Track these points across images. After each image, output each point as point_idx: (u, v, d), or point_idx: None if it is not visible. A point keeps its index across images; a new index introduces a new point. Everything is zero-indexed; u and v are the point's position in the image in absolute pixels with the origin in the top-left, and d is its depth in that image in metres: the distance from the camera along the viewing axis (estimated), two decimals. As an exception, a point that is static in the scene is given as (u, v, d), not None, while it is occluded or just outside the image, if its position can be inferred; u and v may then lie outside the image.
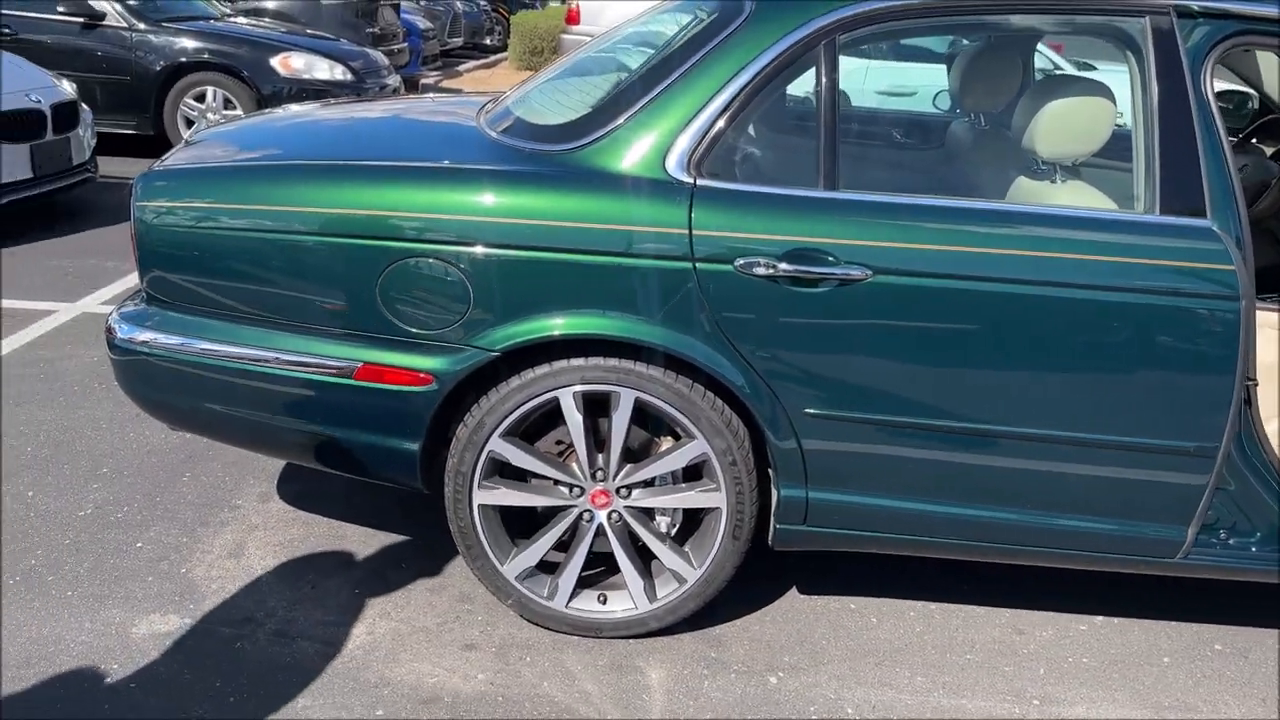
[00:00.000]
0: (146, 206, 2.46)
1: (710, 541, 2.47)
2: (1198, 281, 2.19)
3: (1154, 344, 2.21)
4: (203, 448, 3.37)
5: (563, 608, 2.52)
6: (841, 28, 2.27)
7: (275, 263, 2.35)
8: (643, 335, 2.27)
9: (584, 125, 2.38)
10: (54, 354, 4.08)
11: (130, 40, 7.51)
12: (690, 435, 2.37)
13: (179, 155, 2.67)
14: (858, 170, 2.75)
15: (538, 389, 2.35)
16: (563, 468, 2.46)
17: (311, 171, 2.39)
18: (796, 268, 2.21)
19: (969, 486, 2.37)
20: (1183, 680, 2.53)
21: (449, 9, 15.29)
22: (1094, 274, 2.19)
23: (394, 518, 3.04)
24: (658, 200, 2.26)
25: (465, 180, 2.31)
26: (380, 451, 2.44)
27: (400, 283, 2.29)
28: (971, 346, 2.24)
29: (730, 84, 2.28)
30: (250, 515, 3.02)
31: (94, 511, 2.98)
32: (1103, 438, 2.30)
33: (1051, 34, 3.78)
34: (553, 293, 2.26)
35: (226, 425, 2.56)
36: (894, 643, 2.61)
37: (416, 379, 2.34)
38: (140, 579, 2.69)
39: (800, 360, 2.28)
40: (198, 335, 2.46)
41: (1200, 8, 2.28)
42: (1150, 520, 2.37)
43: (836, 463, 2.37)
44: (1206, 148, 2.24)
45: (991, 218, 2.24)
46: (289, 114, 3.14)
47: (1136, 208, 2.28)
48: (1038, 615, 2.75)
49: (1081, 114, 2.38)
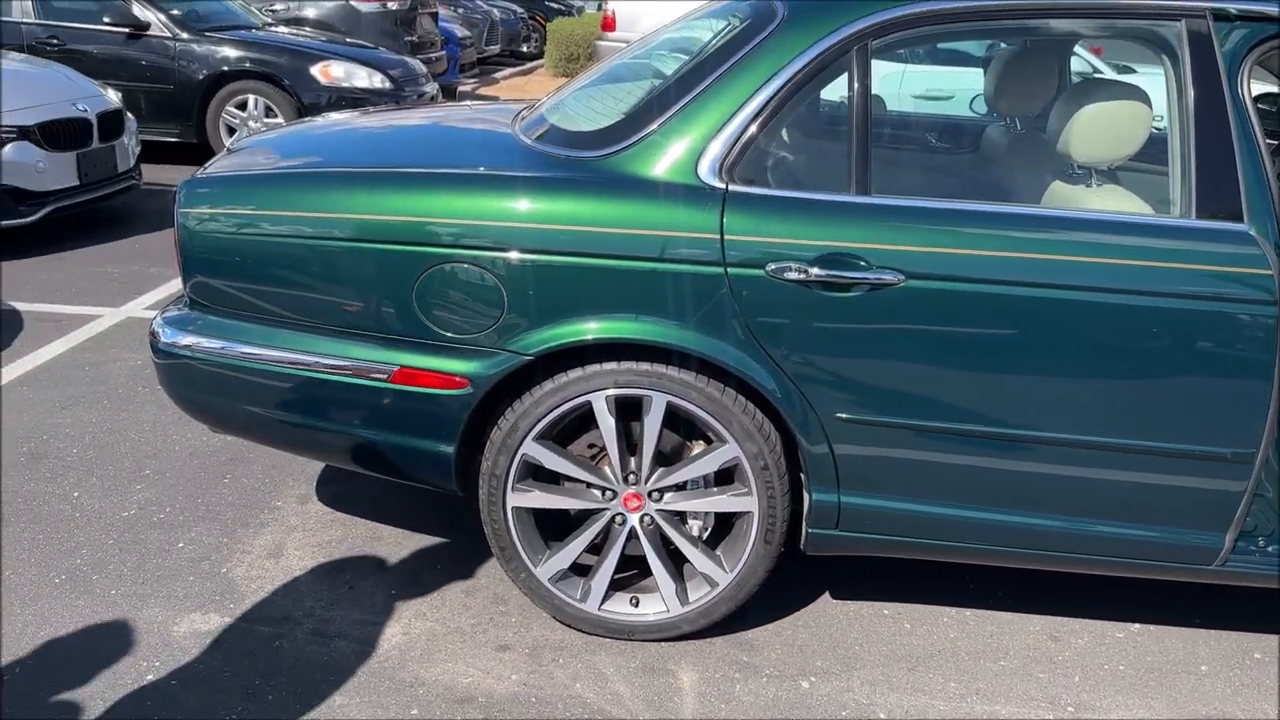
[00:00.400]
0: (190, 213, 2.51)
1: (742, 545, 2.47)
2: (1234, 286, 2.17)
3: (1190, 349, 2.19)
4: (243, 450, 3.43)
5: (595, 610, 2.54)
6: (874, 33, 2.28)
7: (314, 268, 2.39)
8: (675, 339, 2.29)
9: (617, 131, 2.40)
10: (99, 357, 4.17)
11: (174, 49, 7.65)
12: (722, 439, 2.38)
13: (221, 163, 2.72)
14: (891, 175, 2.75)
15: (571, 393, 2.37)
16: (595, 471, 2.48)
17: (349, 179, 2.43)
18: (828, 272, 2.22)
19: (1003, 492, 2.36)
20: (1220, 689, 2.50)
21: (486, 17, 15.42)
22: (1129, 279, 2.18)
23: (429, 520, 3.08)
24: (690, 206, 2.27)
25: (500, 186, 2.34)
26: (416, 454, 2.47)
27: (436, 288, 2.32)
28: (1004, 351, 2.23)
29: (762, 90, 2.29)
30: (289, 516, 3.06)
31: (137, 512, 3.05)
32: (1139, 443, 2.28)
33: (1086, 39, 3.75)
34: (586, 297, 2.29)
35: (266, 427, 2.61)
36: (927, 648, 2.60)
37: (451, 382, 2.37)
38: (182, 578, 2.74)
39: (832, 365, 2.28)
40: (239, 339, 2.51)
41: (1237, 11, 2.26)
42: (1187, 527, 2.35)
43: (869, 467, 2.37)
44: (1243, 151, 2.22)
45: (1025, 222, 2.23)
46: (328, 122, 3.19)
47: (1172, 212, 2.26)
48: (1073, 622, 2.72)
49: (1117, 118, 2.36)
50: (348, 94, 7.82)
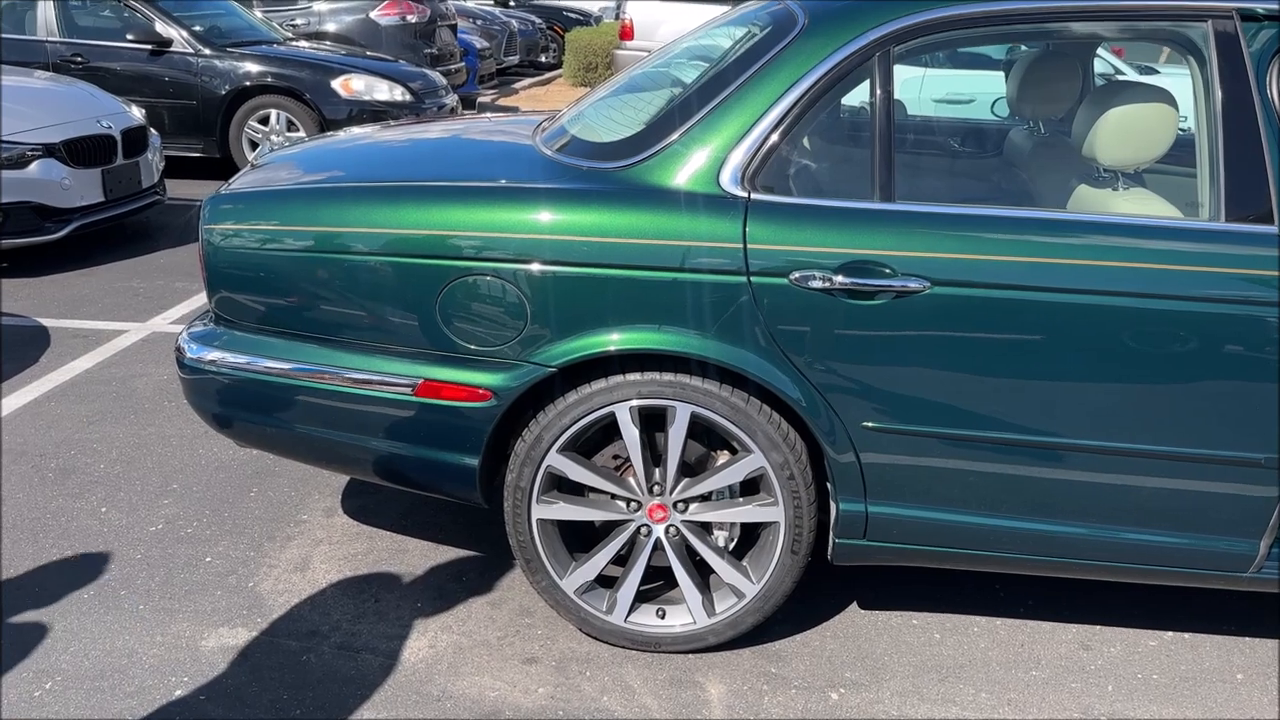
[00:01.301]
0: (214, 229, 2.53)
1: (768, 556, 2.46)
2: (1265, 289, 2.14)
3: (1221, 354, 2.16)
4: (270, 464, 3.45)
5: (621, 622, 2.53)
6: (896, 39, 2.26)
7: (338, 282, 2.40)
8: (698, 349, 2.28)
9: (638, 142, 2.40)
10: (126, 372, 4.20)
11: (196, 65, 7.72)
12: (747, 449, 2.37)
13: (245, 179, 2.74)
14: (914, 181, 2.73)
15: (594, 404, 2.36)
16: (620, 482, 2.48)
17: (372, 193, 2.44)
18: (853, 280, 2.20)
19: (1032, 500, 2.34)
20: (1257, 698, 2.46)
21: (505, 28, 15.48)
22: (1158, 283, 2.15)
23: (454, 533, 3.07)
24: (712, 215, 2.26)
25: (521, 198, 2.34)
26: (440, 467, 2.47)
27: (459, 300, 2.33)
28: (1033, 358, 2.21)
29: (784, 98, 2.28)
30: (315, 530, 3.07)
31: (164, 527, 3.06)
32: (1170, 449, 2.25)
33: (1110, 41, 3.72)
34: (609, 308, 2.28)
35: (291, 441, 2.61)
36: (958, 659, 2.57)
37: (475, 395, 2.37)
38: (209, 593, 2.75)
39: (857, 373, 2.26)
40: (264, 354, 2.52)
41: (1265, 10, 2.23)
42: (1220, 534, 2.31)
43: (896, 476, 2.35)
44: (1273, 153, 2.19)
45: (1052, 227, 2.21)
46: (349, 136, 3.20)
47: (1201, 215, 2.23)
48: (1106, 631, 2.69)
49: (1143, 120, 2.34)
50: (369, 107, 7.86)
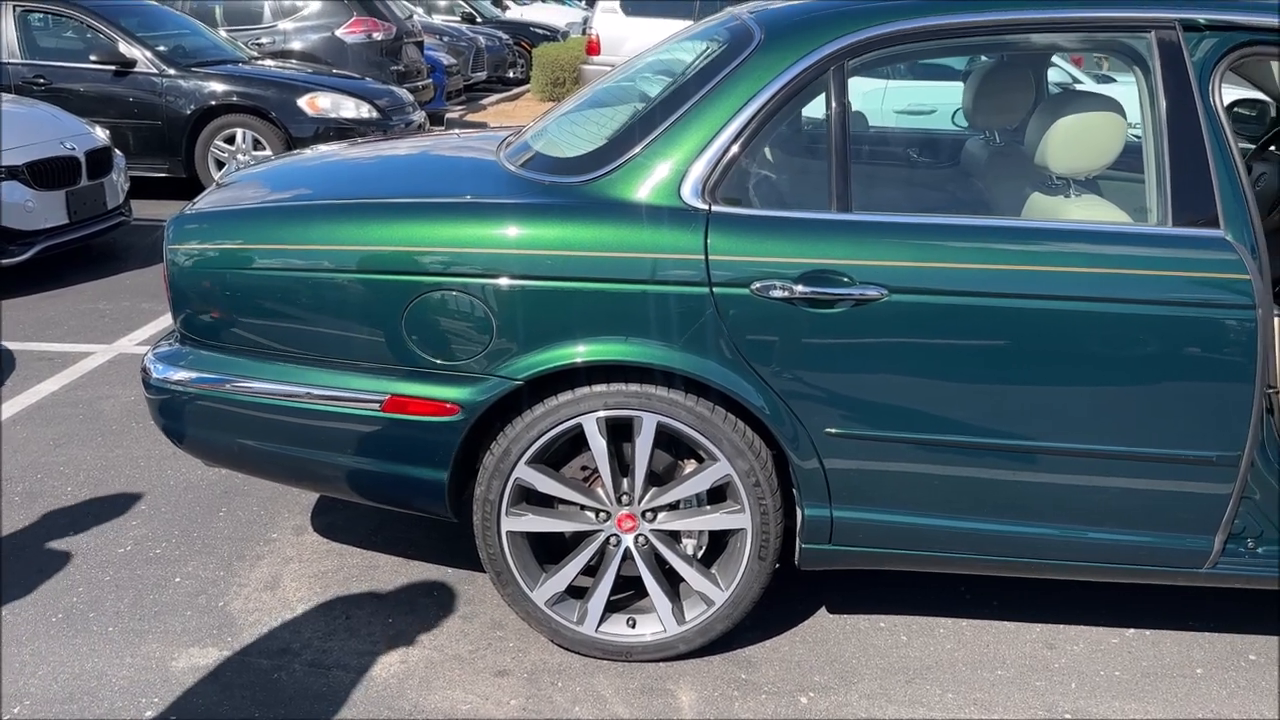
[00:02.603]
0: (179, 249, 2.53)
1: (737, 563, 2.49)
2: (1213, 291, 2.20)
3: (1171, 355, 2.22)
4: (239, 483, 3.44)
5: (592, 632, 2.55)
6: (850, 53, 2.31)
7: (304, 300, 2.41)
8: (663, 360, 2.31)
9: (600, 156, 2.43)
10: (92, 394, 4.17)
11: (160, 85, 7.69)
12: (713, 457, 2.40)
13: (210, 198, 2.74)
14: (872, 191, 2.78)
15: (561, 416, 2.39)
16: (588, 493, 2.50)
17: (335, 210, 2.45)
18: (812, 289, 2.24)
19: (992, 502, 2.38)
20: (1216, 691, 2.51)
21: (472, 44, 15.49)
22: (1109, 287, 2.20)
23: (425, 547, 3.08)
24: (674, 227, 2.30)
25: (485, 214, 2.36)
26: (409, 482, 2.49)
27: (424, 316, 2.34)
28: (989, 363, 2.25)
29: (742, 112, 2.32)
30: (285, 548, 3.07)
31: (133, 548, 3.05)
32: (1124, 449, 2.30)
33: (1059, 53, 3.80)
34: (574, 321, 2.31)
35: (259, 460, 2.62)
36: (924, 660, 2.61)
37: (442, 409, 2.38)
38: (179, 613, 2.74)
39: (819, 380, 2.30)
40: (230, 373, 2.53)
41: (1206, 20, 2.30)
42: (1176, 531, 2.37)
43: (859, 481, 2.39)
44: (1217, 159, 2.25)
45: (1005, 234, 2.26)
46: (315, 154, 3.21)
47: (1150, 220, 2.29)
48: (1069, 629, 2.74)
49: (1093, 129, 2.39)
50: (335, 125, 7.85)
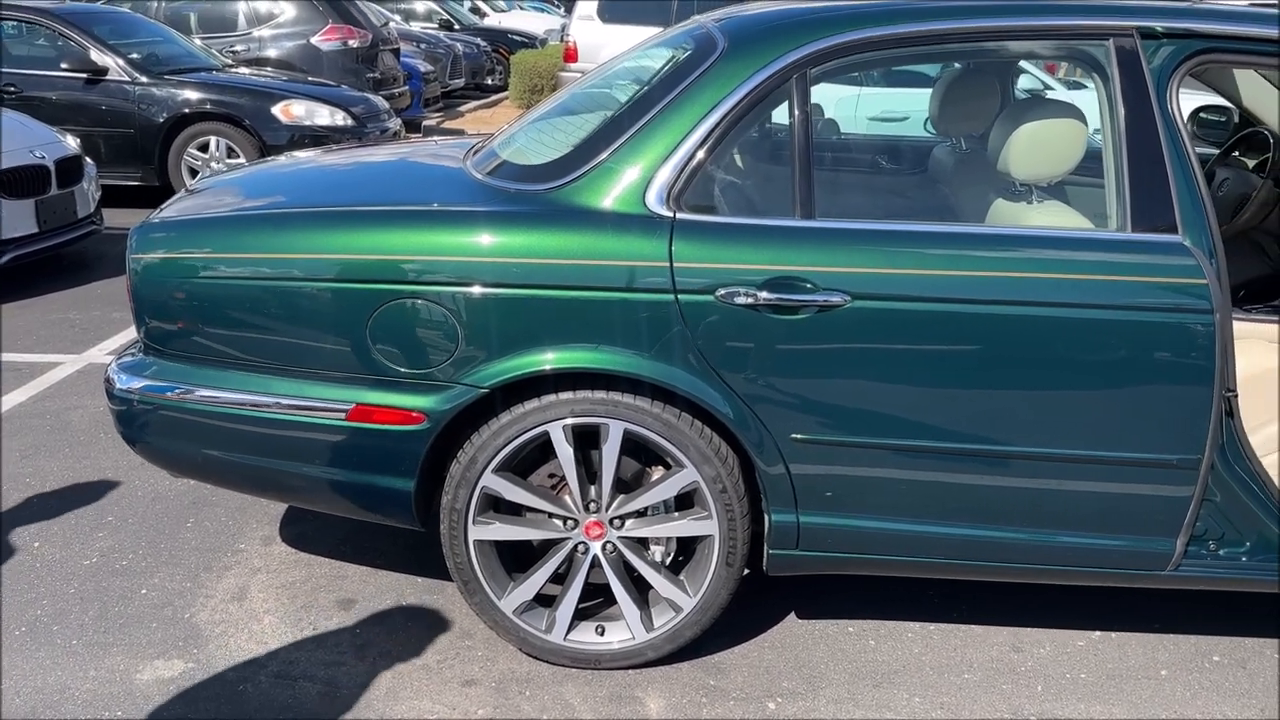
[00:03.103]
0: (143, 258, 2.51)
1: (705, 569, 2.49)
2: (1171, 296, 2.22)
3: (1131, 359, 2.24)
4: (207, 493, 3.41)
5: (561, 640, 2.55)
6: (811, 62, 2.32)
7: (269, 309, 2.40)
8: (628, 367, 2.31)
9: (565, 164, 2.43)
10: (61, 405, 4.14)
11: (133, 93, 7.64)
12: (680, 464, 2.40)
13: (175, 206, 2.73)
14: (836, 198, 2.79)
15: (528, 423, 2.38)
16: (556, 501, 2.50)
17: (299, 219, 2.44)
18: (776, 296, 2.25)
19: (957, 506, 2.39)
20: (1180, 692, 2.53)
21: (449, 51, 15.45)
22: (1069, 292, 2.22)
23: (394, 557, 3.07)
24: (639, 235, 2.30)
25: (449, 222, 2.36)
26: (375, 491, 2.48)
27: (388, 324, 2.34)
28: (951, 368, 2.27)
29: (705, 120, 2.33)
30: (253, 559, 3.05)
31: (99, 560, 3.02)
32: (1087, 453, 2.32)
33: (1020, 60, 3.83)
34: (540, 329, 2.31)
35: (225, 470, 2.60)
36: (892, 664, 2.62)
37: (408, 418, 2.38)
38: (144, 625, 2.72)
39: (784, 386, 2.31)
40: (195, 383, 2.51)
41: (1163, 28, 2.32)
42: (1139, 533, 2.38)
43: (825, 486, 2.40)
44: (1175, 165, 2.27)
45: (966, 241, 2.28)
46: (284, 161, 3.20)
47: (1110, 226, 2.32)
48: (1036, 632, 2.75)
49: (1053, 136, 2.42)
50: (310, 132, 7.82)
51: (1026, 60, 5.45)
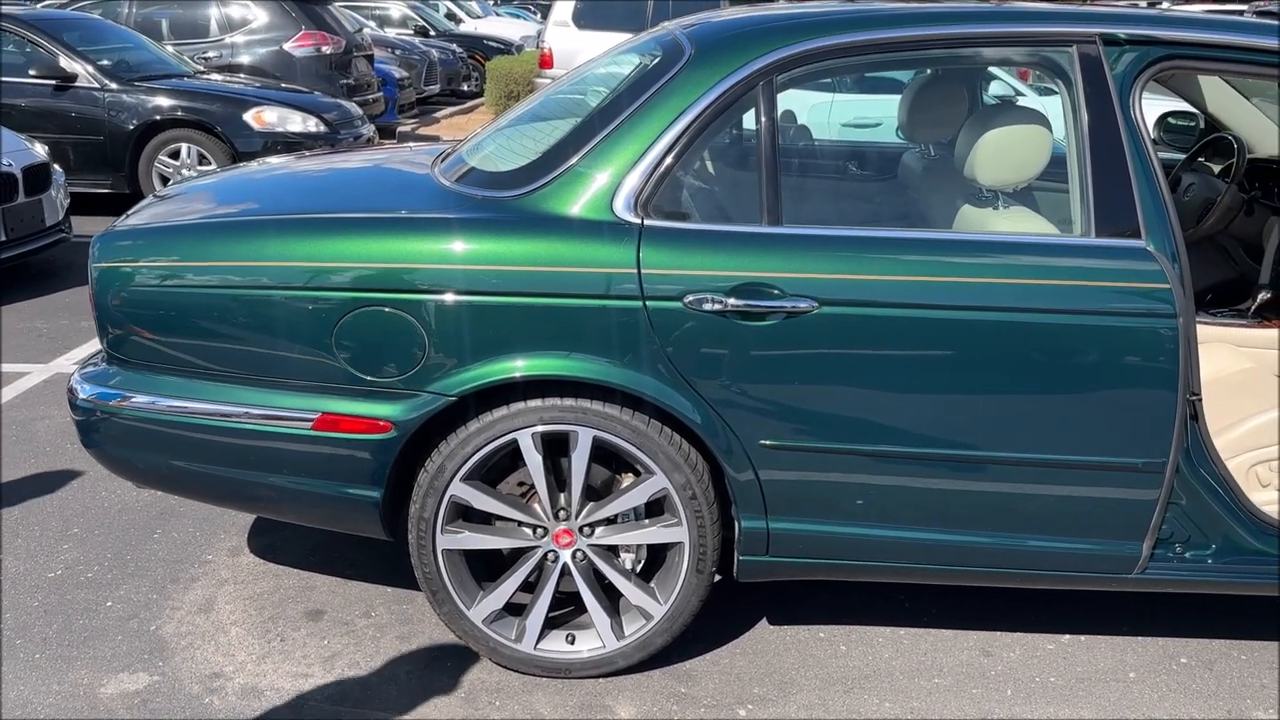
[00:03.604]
0: (106, 267, 2.48)
1: (675, 576, 2.48)
2: (1135, 301, 2.23)
3: (1096, 363, 2.25)
4: (174, 505, 3.38)
5: (531, 649, 2.53)
6: (778, 68, 2.33)
7: (232, 317, 2.37)
8: (597, 374, 2.30)
9: (533, 171, 2.42)
10: (27, 415, 4.08)
11: (103, 100, 7.57)
12: (650, 471, 2.40)
13: (141, 214, 2.70)
14: (804, 204, 2.80)
15: (496, 431, 2.37)
16: (525, 509, 2.48)
17: (264, 226, 2.42)
18: (744, 302, 2.25)
19: (926, 510, 2.40)
20: (1148, 695, 2.54)
21: (425, 57, 15.41)
22: (1035, 298, 2.24)
23: (363, 567, 3.04)
24: (606, 241, 2.30)
25: (416, 229, 2.35)
26: (343, 501, 2.45)
27: (355, 332, 2.32)
28: (919, 373, 2.27)
29: (672, 127, 2.33)
30: (220, 570, 3.02)
31: (64, 572, 2.98)
32: (1055, 457, 2.33)
33: (985, 67, 3.85)
34: (508, 336, 2.29)
35: (191, 481, 2.57)
36: (863, 669, 2.62)
37: (375, 426, 2.36)
38: (109, 638, 2.69)
39: (753, 392, 2.31)
40: (159, 392, 2.48)
41: (1126, 35, 2.34)
42: (1106, 537, 2.40)
43: (795, 492, 2.39)
44: (1138, 170, 2.29)
45: (932, 246, 2.29)
46: (252, 168, 3.18)
47: (1074, 231, 2.33)
48: (1005, 636, 2.76)
49: (1018, 142, 2.43)
50: (283, 139, 7.77)
51: (993, 67, 5.49)
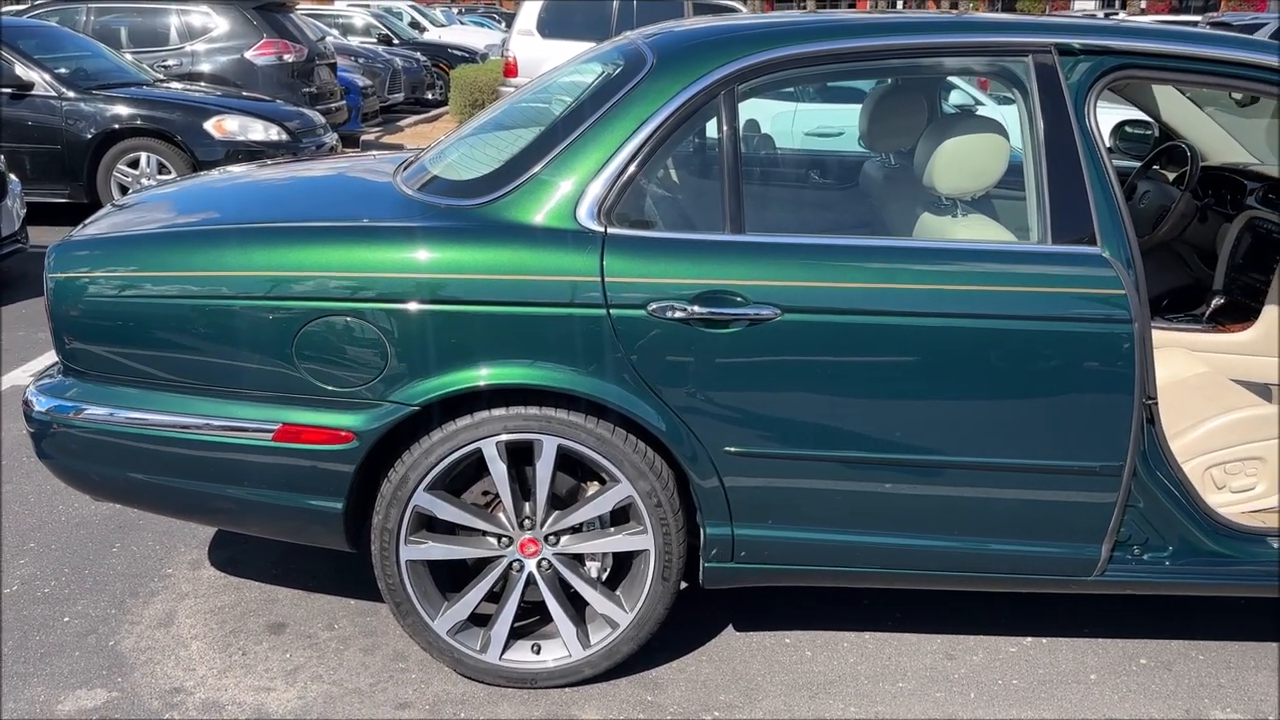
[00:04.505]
0: (62, 277, 2.45)
1: (641, 584, 2.48)
2: (1091, 306, 2.27)
3: (1054, 369, 2.28)
4: (133, 518, 3.33)
5: (496, 660, 2.52)
6: (739, 78, 2.34)
7: (191, 327, 2.35)
8: (561, 383, 2.30)
9: (496, 179, 2.42)
10: (-19, 429, 4.01)
11: (60, 108, 7.47)
12: (615, 479, 2.39)
13: (99, 224, 2.67)
14: (767, 213, 2.81)
15: (460, 441, 2.36)
16: (490, 518, 2.47)
17: (224, 235, 2.40)
18: (707, 310, 2.26)
19: (889, 515, 2.41)
20: (1108, 696, 2.57)
21: (388, 66, 15.33)
22: (993, 304, 2.26)
23: (326, 579, 3.01)
24: (570, 250, 2.30)
25: (379, 238, 2.33)
26: (304, 512, 2.43)
27: (316, 342, 2.30)
28: (880, 379, 2.29)
29: (635, 136, 2.34)
30: (181, 583, 2.98)
31: (20, 588, 2.93)
32: (1015, 461, 2.35)
33: (944, 77, 3.90)
34: (471, 345, 2.29)
35: (150, 494, 2.54)
36: (828, 674, 2.63)
37: (336, 437, 2.34)
38: (67, 654, 2.64)
39: (717, 399, 2.32)
40: (116, 404, 2.45)
41: (1080, 45, 2.38)
42: (1066, 540, 2.43)
43: (759, 498, 2.40)
44: (1093, 178, 2.33)
45: (892, 254, 2.31)
46: (213, 177, 3.15)
47: (1031, 238, 2.36)
48: (968, 639, 2.78)
49: (975, 151, 2.46)
50: (244, 148, 7.71)
51: (952, 76, 5.56)
